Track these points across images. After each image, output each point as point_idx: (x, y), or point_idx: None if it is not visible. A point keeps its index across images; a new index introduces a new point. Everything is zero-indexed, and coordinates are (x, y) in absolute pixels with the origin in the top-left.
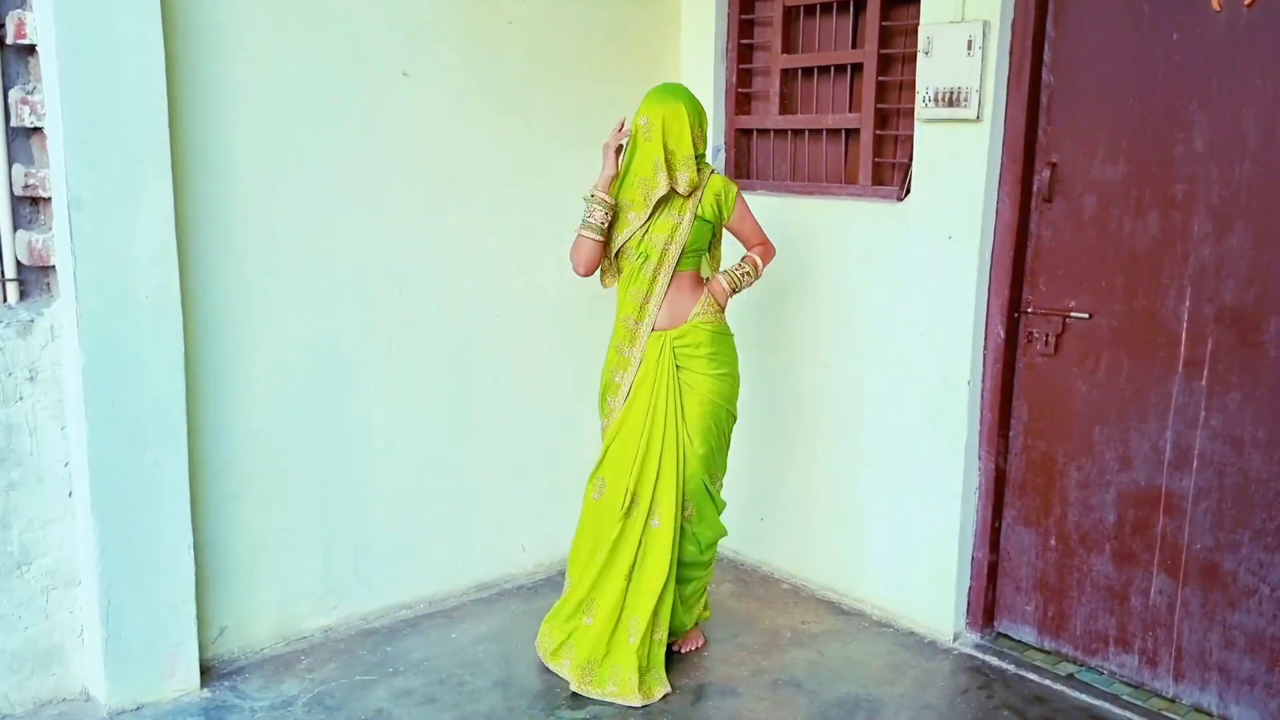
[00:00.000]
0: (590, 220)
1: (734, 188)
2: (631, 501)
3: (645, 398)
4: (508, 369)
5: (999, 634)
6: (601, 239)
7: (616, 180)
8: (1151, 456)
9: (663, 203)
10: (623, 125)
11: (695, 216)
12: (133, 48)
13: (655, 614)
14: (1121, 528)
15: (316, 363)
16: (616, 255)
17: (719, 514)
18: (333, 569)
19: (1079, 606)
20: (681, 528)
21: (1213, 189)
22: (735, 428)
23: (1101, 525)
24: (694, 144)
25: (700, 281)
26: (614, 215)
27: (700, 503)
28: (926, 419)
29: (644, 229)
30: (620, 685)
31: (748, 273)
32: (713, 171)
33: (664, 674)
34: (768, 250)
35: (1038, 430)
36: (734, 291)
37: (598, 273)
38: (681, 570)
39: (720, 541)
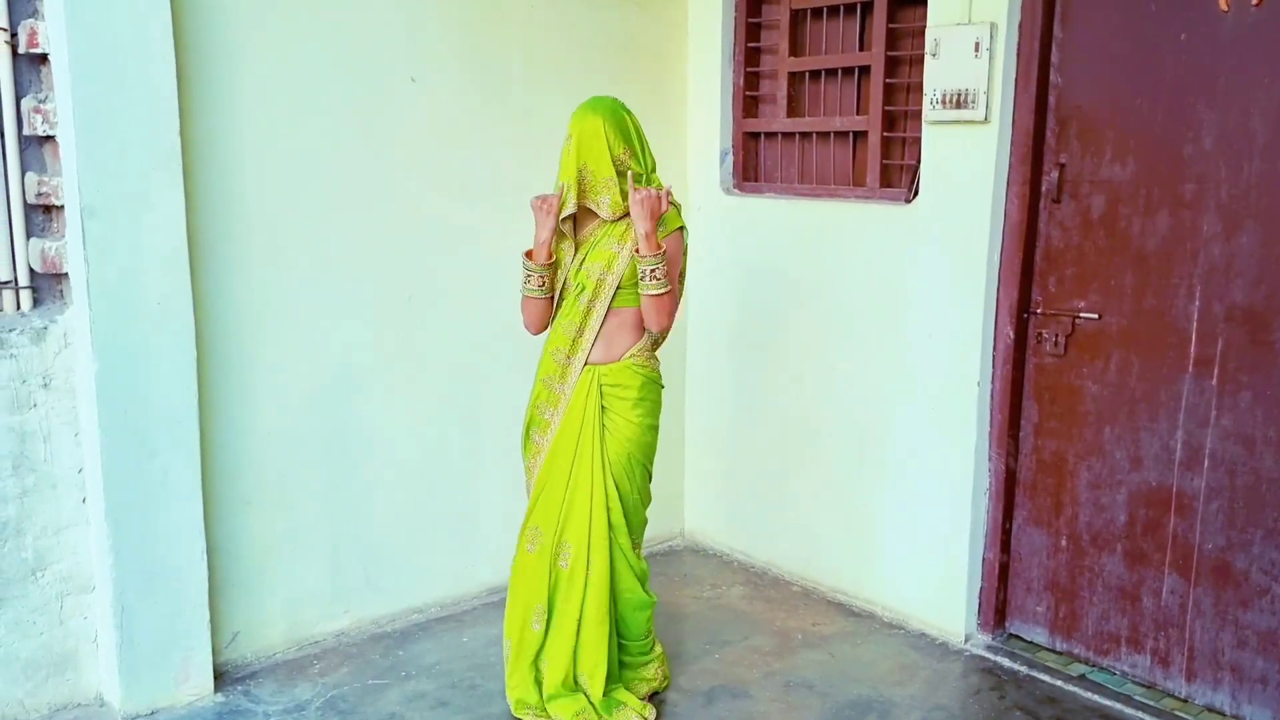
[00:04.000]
0: (528, 285)
1: (676, 224)
2: (562, 548)
3: (572, 437)
4: (516, 373)
5: (1010, 635)
6: (548, 295)
7: (553, 240)
8: (1162, 456)
9: (601, 230)
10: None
11: (635, 249)
12: (143, 57)
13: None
14: (1133, 528)
15: (326, 368)
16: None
17: (640, 579)
18: (343, 573)
19: (1090, 607)
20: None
21: (1222, 188)
22: (748, 432)
23: (1113, 525)
24: (618, 163)
25: (637, 322)
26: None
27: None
28: (936, 420)
29: (580, 258)
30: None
31: (656, 270)
32: (672, 203)
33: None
34: (673, 301)
35: (1048, 430)
36: (655, 255)
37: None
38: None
39: (730, 544)
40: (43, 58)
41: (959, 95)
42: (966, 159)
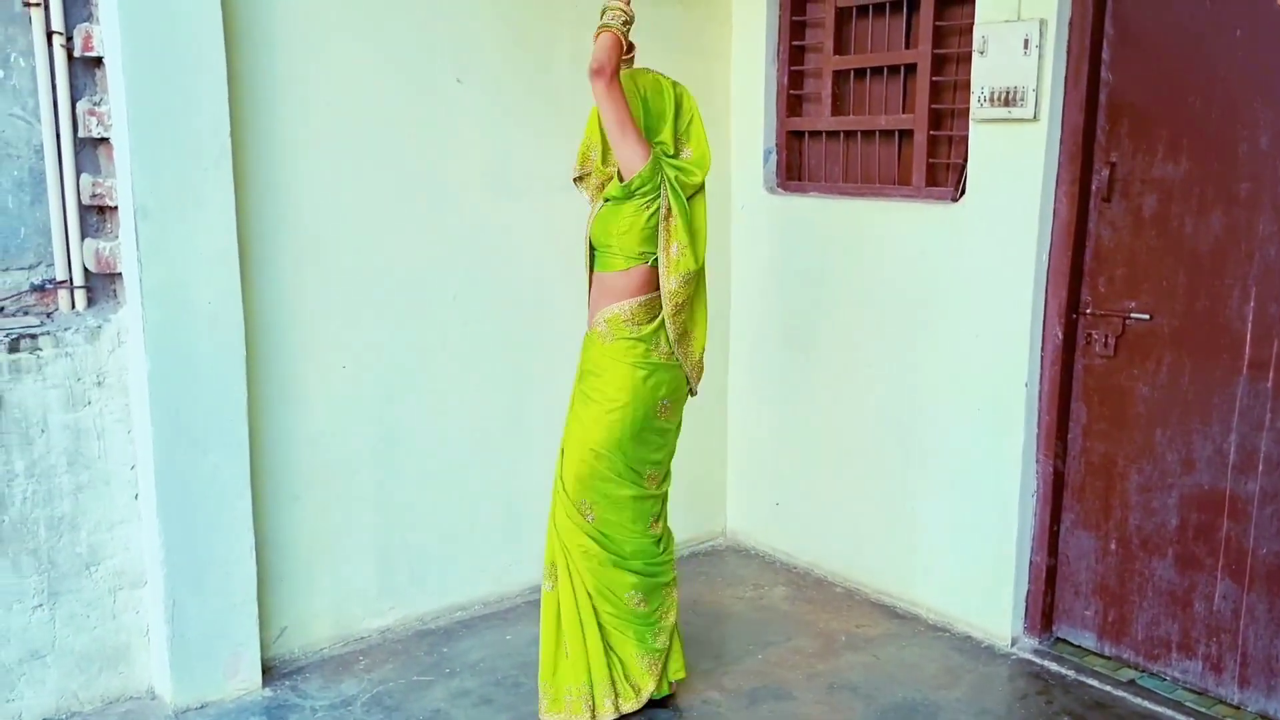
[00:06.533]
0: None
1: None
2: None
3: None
4: (562, 371)
5: (1058, 639)
6: (621, 33)
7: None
8: (1215, 459)
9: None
10: None
11: (606, 199)
12: (195, 59)
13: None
14: (1184, 531)
15: (373, 366)
16: None
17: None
18: (389, 570)
19: (1140, 611)
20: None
21: (1278, 186)
22: (791, 432)
23: (1163, 529)
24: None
25: (623, 288)
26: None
27: None
28: (983, 421)
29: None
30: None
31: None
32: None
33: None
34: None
35: (1097, 432)
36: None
37: None
38: None
39: (773, 544)
40: (97, 61)
41: (1007, 93)
42: (1015, 157)
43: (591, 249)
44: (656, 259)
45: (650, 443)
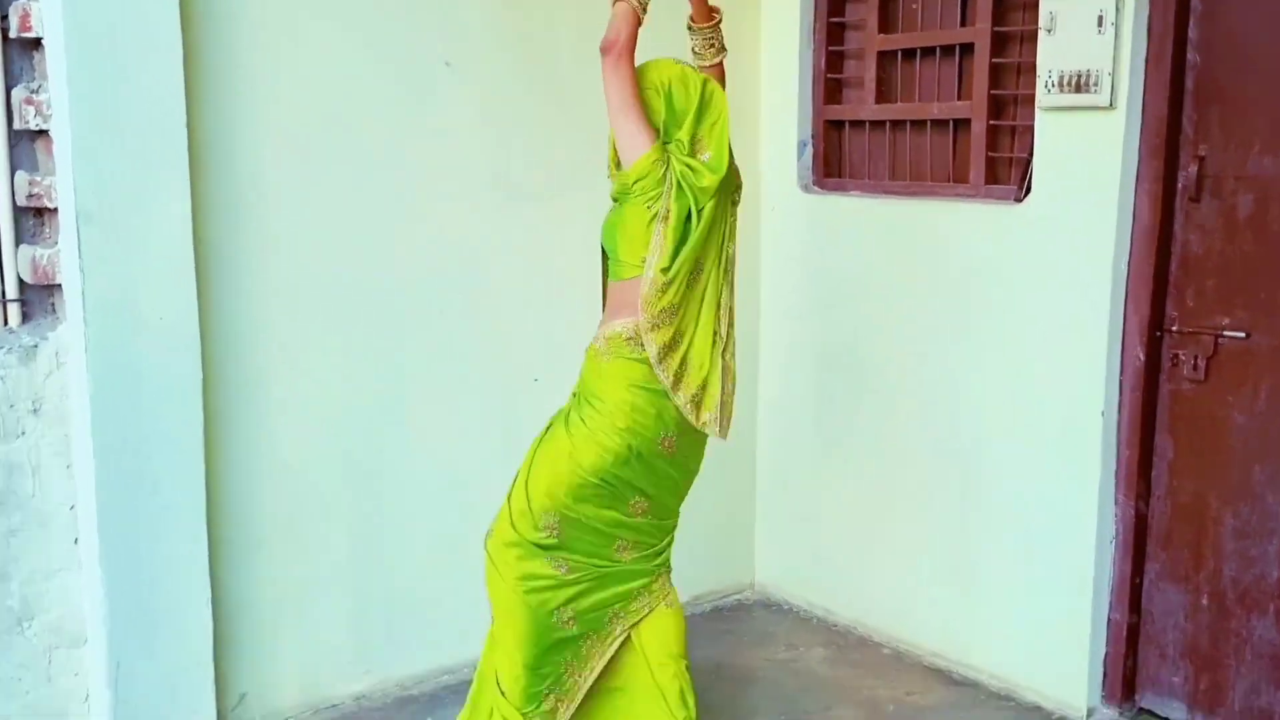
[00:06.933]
0: None
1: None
2: None
3: None
4: (562, 400)
5: (1141, 709)
6: (637, 6)
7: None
8: None
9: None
10: None
11: (612, 198)
12: (148, 42)
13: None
14: None
15: (347, 394)
16: None
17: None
18: (364, 628)
19: (1238, 677)
20: None
21: None
22: (830, 469)
23: (1263, 582)
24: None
25: (629, 301)
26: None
27: None
28: (1053, 456)
29: None
30: None
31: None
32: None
33: None
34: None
35: (1185, 469)
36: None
37: None
38: None
39: (809, 597)
40: (36, 43)
41: (1079, 77)
42: (1088, 151)
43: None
44: None
45: (647, 484)
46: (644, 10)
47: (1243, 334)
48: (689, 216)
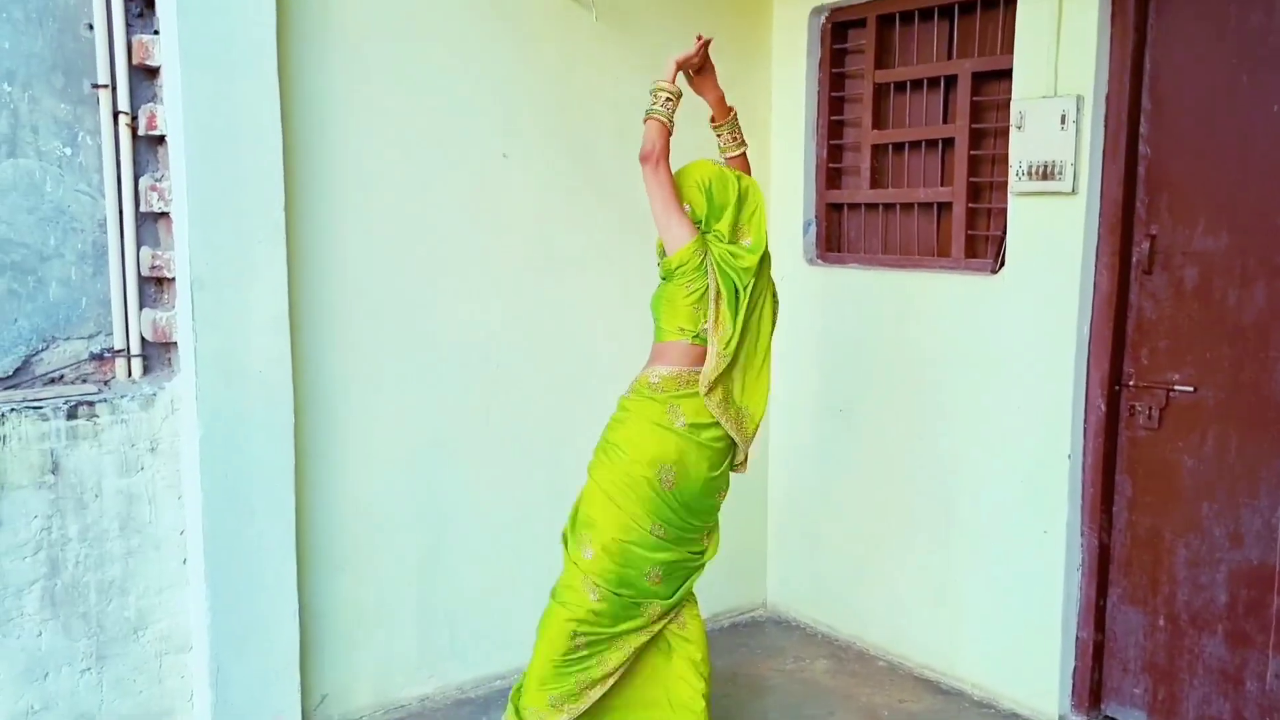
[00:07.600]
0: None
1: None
2: None
3: None
4: None
5: (1106, 717)
6: (666, 121)
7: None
8: (1264, 534)
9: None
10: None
11: (661, 276)
12: (254, 139)
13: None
14: (1234, 607)
15: (416, 434)
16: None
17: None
18: (429, 638)
19: (1191, 690)
20: None
21: None
22: (833, 503)
23: (1213, 605)
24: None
25: (659, 357)
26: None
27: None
28: (1025, 493)
29: None
30: None
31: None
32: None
33: None
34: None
35: (1143, 505)
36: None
37: None
38: None
39: (815, 615)
40: (160, 139)
41: (1045, 167)
42: (1054, 230)
43: None
44: (695, 336)
45: (648, 513)
46: (671, 122)
47: (1191, 388)
48: (735, 292)
